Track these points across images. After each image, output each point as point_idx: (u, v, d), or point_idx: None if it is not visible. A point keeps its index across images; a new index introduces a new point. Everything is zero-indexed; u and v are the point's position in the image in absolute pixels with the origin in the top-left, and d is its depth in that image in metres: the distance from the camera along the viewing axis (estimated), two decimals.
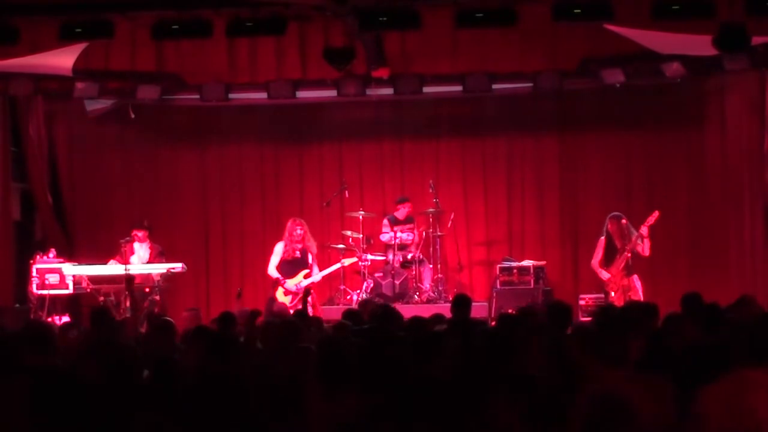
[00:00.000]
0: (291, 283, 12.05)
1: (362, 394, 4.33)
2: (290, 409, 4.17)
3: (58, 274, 12.06)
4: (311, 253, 12.25)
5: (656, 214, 11.59)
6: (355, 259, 12.63)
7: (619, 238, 11.63)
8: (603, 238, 11.76)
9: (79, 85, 12.18)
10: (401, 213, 13.13)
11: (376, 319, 7.39)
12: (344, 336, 5.94)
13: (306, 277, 12.07)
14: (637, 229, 11.65)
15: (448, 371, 4.49)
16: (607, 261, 11.69)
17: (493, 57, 11.89)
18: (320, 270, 12.36)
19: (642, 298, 11.09)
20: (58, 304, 12.18)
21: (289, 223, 12.27)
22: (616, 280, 11.55)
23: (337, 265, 12.48)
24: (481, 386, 3.79)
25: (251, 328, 7.02)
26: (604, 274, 11.65)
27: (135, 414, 3.86)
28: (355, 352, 4.75)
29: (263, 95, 12.66)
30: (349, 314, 8.16)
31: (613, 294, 11.51)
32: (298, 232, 12.12)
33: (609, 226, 11.71)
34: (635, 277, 11.63)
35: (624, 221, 11.69)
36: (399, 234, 12.91)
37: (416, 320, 6.98)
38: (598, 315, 6.62)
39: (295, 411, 4.17)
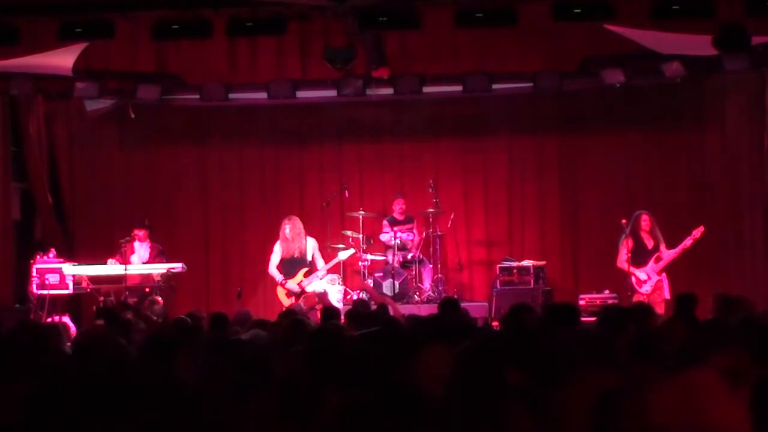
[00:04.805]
0: (291, 284, 11.86)
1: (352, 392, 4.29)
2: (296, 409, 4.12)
3: (58, 274, 12.04)
4: (310, 250, 12.04)
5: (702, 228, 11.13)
6: (352, 251, 12.32)
7: (650, 236, 11.20)
8: (629, 237, 11.14)
9: (79, 85, 12.18)
10: (397, 211, 13.12)
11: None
12: (336, 330, 5.86)
13: (306, 275, 11.87)
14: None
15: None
16: (638, 260, 11.16)
17: (493, 57, 11.90)
18: (325, 263, 12.00)
19: (669, 297, 10.84)
20: (58, 304, 12.18)
21: (282, 223, 12.11)
22: (652, 281, 11.14)
23: (334, 261, 12.08)
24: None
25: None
26: (643, 275, 11.11)
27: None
28: (348, 348, 4.71)
29: (263, 95, 12.66)
30: (352, 315, 8.08)
31: (646, 294, 10.97)
32: (287, 231, 11.90)
33: (641, 223, 11.19)
34: (664, 274, 11.21)
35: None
36: (399, 234, 12.91)
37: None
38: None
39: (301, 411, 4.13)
